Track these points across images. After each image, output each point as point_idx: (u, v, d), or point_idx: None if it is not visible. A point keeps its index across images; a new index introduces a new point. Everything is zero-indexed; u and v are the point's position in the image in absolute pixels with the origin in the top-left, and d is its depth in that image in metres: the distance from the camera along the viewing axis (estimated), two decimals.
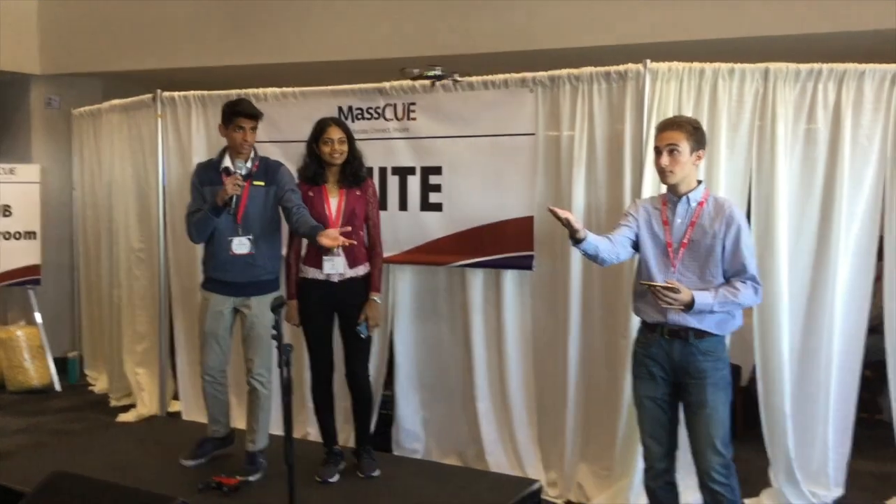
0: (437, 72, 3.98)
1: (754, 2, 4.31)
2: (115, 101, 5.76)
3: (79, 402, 6.04)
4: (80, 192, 6.43)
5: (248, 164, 4.02)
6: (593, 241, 3.11)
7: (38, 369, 6.34)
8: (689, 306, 3.00)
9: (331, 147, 3.94)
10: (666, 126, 3.14)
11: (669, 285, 2.99)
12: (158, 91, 5.25)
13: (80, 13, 6.40)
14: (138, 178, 5.59)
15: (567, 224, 3.03)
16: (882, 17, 4.15)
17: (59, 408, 5.91)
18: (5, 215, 6.27)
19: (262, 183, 4.03)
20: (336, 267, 3.95)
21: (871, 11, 4.17)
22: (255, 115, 4.03)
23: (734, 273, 3.10)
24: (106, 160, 5.93)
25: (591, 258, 3.19)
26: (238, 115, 4.01)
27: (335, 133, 3.95)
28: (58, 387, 6.34)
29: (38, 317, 6.41)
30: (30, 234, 6.34)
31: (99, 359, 6.46)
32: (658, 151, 3.12)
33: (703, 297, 3.02)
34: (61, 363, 6.50)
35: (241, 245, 4.01)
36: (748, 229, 3.18)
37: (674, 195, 3.18)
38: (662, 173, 3.13)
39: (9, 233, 6.28)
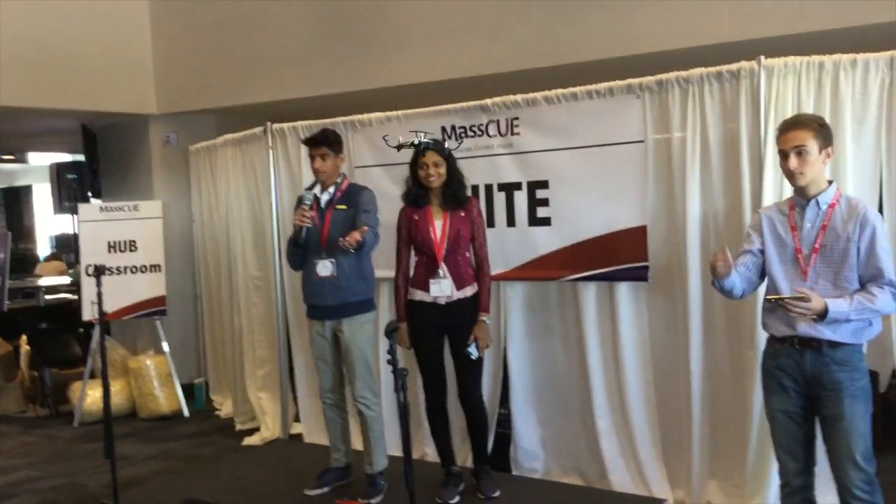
0: (421, 139, 4.03)
1: None
2: (228, 136, 5.97)
3: (206, 427, 6.25)
4: (200, 224, 6.69)
5: (332, 191, 4.15)
6: (733, 276, 3.02)
7: (168, 396, 6.60)
8: (822, 315, 2.82)
9: (426, 171, 3.96)
10: (789, 126, 2.97)
11: (799, 295, 2.83)
12: (269, 124, 5.41)
13: (192, 51, 6.67)
14: (253, 208, 5.77)
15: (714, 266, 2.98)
16: None
17: (188, 433, 6.13)
18: (131, 250, 6.57)
19: (344, 206, 4.11)
20: (443, 289, 3.95)
21: None
22: (318, 143, 4.13)
23: (870, 278, 2.89)
24: (222, 192, 6.14)
25: (727, 294, 3.09)
26: (307, 144, 4.18)
27: (430, 157, 3.97)
28: (186, 413, 6.58)
29: (165, 346, 6.68)
30: (154, 267, 6.62)
31: (223, 384, 6.67)
32: (784, 154, 2.95)
33: (838, 305, 2.83)
34: (188, 390, 6.75)
35: (324, 268, 4.09)
36: (885, 231, 2.96)
37: (802, 198, 3.00)
38: (791, 176, 2.96)
39: (135, 267, 6.57)
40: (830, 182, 3.01)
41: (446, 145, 4.18)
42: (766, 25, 4.37)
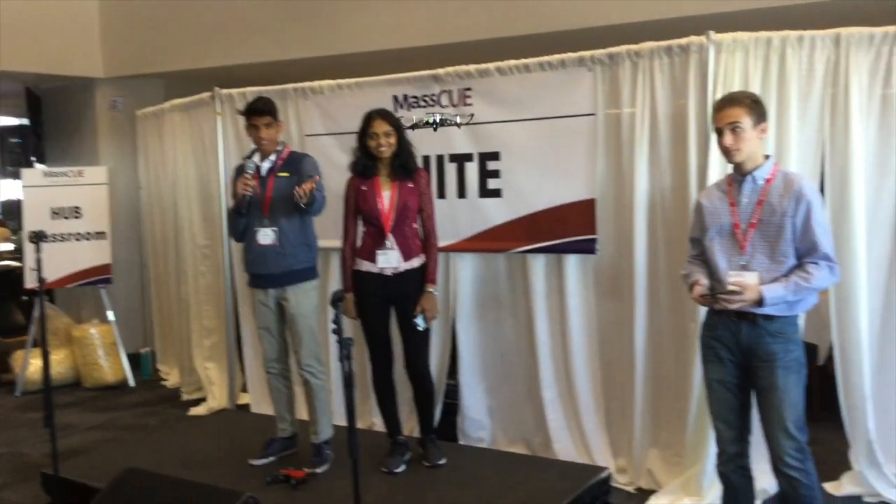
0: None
1: None
2: (176, 101, 5.85)
3: (152, 397, 6.18)
4: (147, 191, 6.56)
5: (273, 158, 4.09)
6: (701, 276, 3.08)
7: (113, 366, 6.50)
8: (759, 303, 2.88)
9: (377, 141, 3.92)
10: (724, 104, 3.00)
11: (733, 289, 2.89)
12: (216, 89, 5.30)
13: (140, 14, 6.51)
14: (201, 175, 5.68)
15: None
16: None
17: (133, 403, 6.05)
18: (76, 217, 6.43)
19: (286, 174, 4.06)
20: (390, 260, 3.93)
21: None
22: (262, 112, 4.05)
23: (806, 252, 2.94)
24: (170, 159, 6.03)
25: None
26: (248, 113, 4.09)
27: (381, 126, 3.92)
28: (132, 382, 6.49)
29: (110, 315, 6.57)
30: (100, 235, 6.49)
31: (170, 354, 6.59)
32: (719, 131, 2.98)
33: (774, 291, 2.88)
34: (134, 359, 6.65)
35: (265, 236, 4.04)
36: (821, 205, 3.02)
37: (739, 174, 3.04)
38: (727, 153, 3.00)
39: (80, 234, 6.43)
40: (767, 157, 3.05)
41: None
42: (717, 1, 4.39)
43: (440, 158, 4.53)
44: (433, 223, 4.06)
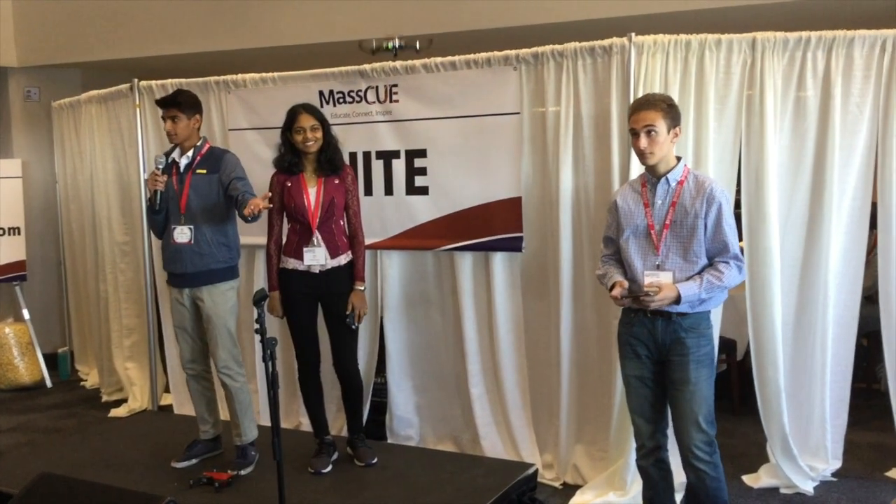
0: (396, 43, 3.88)
1: None
2: (94, 92, 5.66)
3: (70, 399, 5.99)
4: (63, 185, 6.34)
5: (191, 154, 4.01)
6: (619, 276, 3.13)
7: (29, 366, 6.28)
8: (676, 301, 2.96)
9: (303, 135, 3.86)
10: (640, 106, 3.06)
11: (651, 289, 2.97)
12: (135, 80, 5.16)
13: (56, 2, 6.27)
14: (119, 169, 5.52)
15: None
16: None
17: (51, 404, 5.86)
18: None
19: (204, 171, 3.99)
20: (317, 258, 3.89)
21: None
22: (168, 104, 3.98)
23: (716, 252, 3.05)
24: (87, 152, 5.83)
25: None
26: (158, 105, 4.04)
27: (306, 121, 3.87)
28: (49, 383, 6.28)
29: (25, 313, 6.34)
30: (14, 230, 6.25)
31: (89, 354, 6.40)
32: (635, 133, 3.04)
33: (689, 290, 2.97)
34: (51, 359, 6.44)
35: (181, 234, 3.97)
36: (730, 207, 3.12)
37: (653, 176, 3.12)
38: (642, 155, 3.06)
39: None
40: (678, 159, 3.12)
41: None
42: (639, 3, 4.46)
43: (367, 155, 4.50)
44: (359, 220, 4.03)
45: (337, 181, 3.94)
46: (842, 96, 3.74)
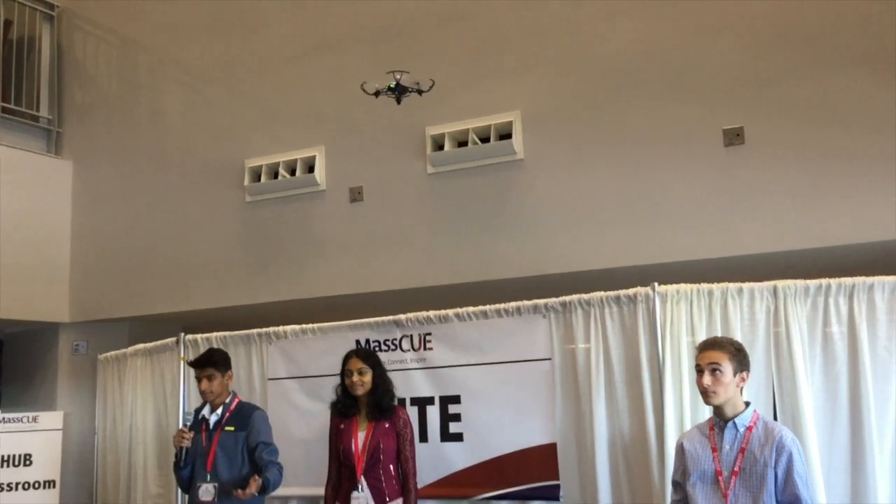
0: (397, 81, 4.02)
1: (755, 220, 4.42)
2: (140, 346, 5.88)
3: None
4: (102, 436, 6.38)
5: (220, 412, 4.16)
6: None
7: None
8: None
9: (350, 379, 3.97)
10: (707, 346, 3.15)
11: None
12: (181, 334, 5.37)
13: (110, 260, 6.64)
14: (159, 420, 5.59)
15: None
16: (886, 229, 4.22)
17: None
18: (26, 465, 6.19)
19: (232, 428, 4.10)
20: None
21: (872, 223, 4.25)
22: (203, 364, 4.18)
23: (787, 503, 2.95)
24: (129, 403, 5.94)
25: None
26: (192, 367, 4.24)
27: (355, 364, 4.01)
28: None
29: None
30: (49, 483, 6.22)
31: None
32: (700, 370, 3.10)
33: None
34: None
35: (206, 492, 4.03)
36: (801, 456, 3.05)
37: (720, 419, 3.11)
38: (705, 394, 3.10)
39: (28, 483, 6.16)
40: (747, 404, 3.12)
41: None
42: (661, 252, 4.66)
43: (401, 402, 4.55)
44: (411, 466, 4.00)
45: (388, 425, 3.98)
46: (869, 338, 3.77)
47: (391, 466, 3.96)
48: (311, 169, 5.66)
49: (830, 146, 4.32)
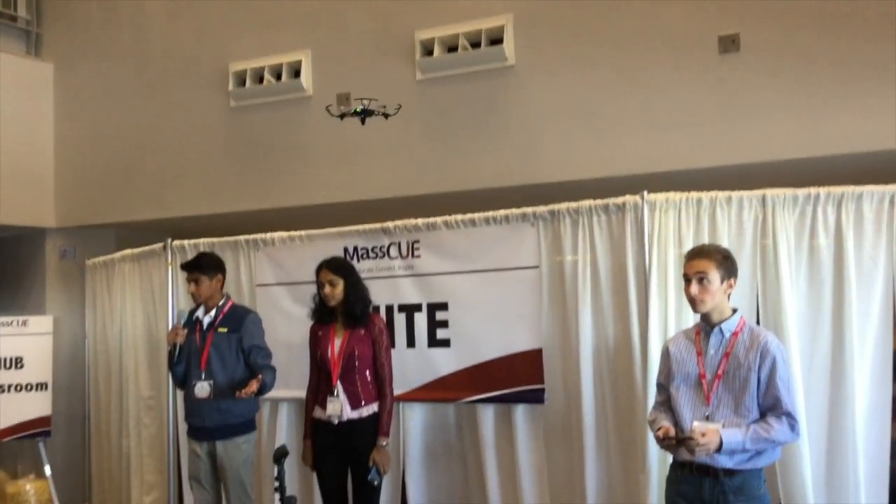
0: (364, 107, 4.11)
1: (748, 129, 4.40)
2: (128, 251, 5.87)
3: None
4: (93, 341, 6.44)
5: (213, 314, 4.24)
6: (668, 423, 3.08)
7: None
8: (718, 448, 2.89)
9: (323, 291, 4.01)
10: (694, 254, 3.15)
11: (692, 436, 2.90)
12: (169, 240, 5.36)
13: (95, 165, 6.58)
14: (149, 325, 5.63)
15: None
16: (878, 139, 4.20)
17: None
18: (17, 367, 6.26)
19: (225, 329, 4.18)
20: (335, 409, 3.92)
21: (865, 133, 4.22)
22: (191, 268, 4.27)
23: (769, 407, 2.99)
24: (118, 309, 5.98)
25: None
26: (184, 270, 4.32)
27: (325, 276, 4.03)
28: None
29: (47, 469, 6.29)
30: (41, 386, 6.31)
31: None
32: (687, 279, 3.11)
33: (733, 436, 2.91)
34: None
35: (201, 389, 4.14)
36: (785, 362, 3.08)
37: (707, 325, 3.14)
38: (693, 302, 3.11)
39: (20, 385, 6.25)
40: (734, 310, 3.14)
41: None
42: (651, 162, 4.64)
43: (389, 308, 4.60)
44: (387, 373, 4.07)
45: (363, 332, 4.02)
46: (854, 249, 3.79)
47: (367, 372, 4.02)
48: (297, 74, 5.54)
49: (828, 54, 4.26)
